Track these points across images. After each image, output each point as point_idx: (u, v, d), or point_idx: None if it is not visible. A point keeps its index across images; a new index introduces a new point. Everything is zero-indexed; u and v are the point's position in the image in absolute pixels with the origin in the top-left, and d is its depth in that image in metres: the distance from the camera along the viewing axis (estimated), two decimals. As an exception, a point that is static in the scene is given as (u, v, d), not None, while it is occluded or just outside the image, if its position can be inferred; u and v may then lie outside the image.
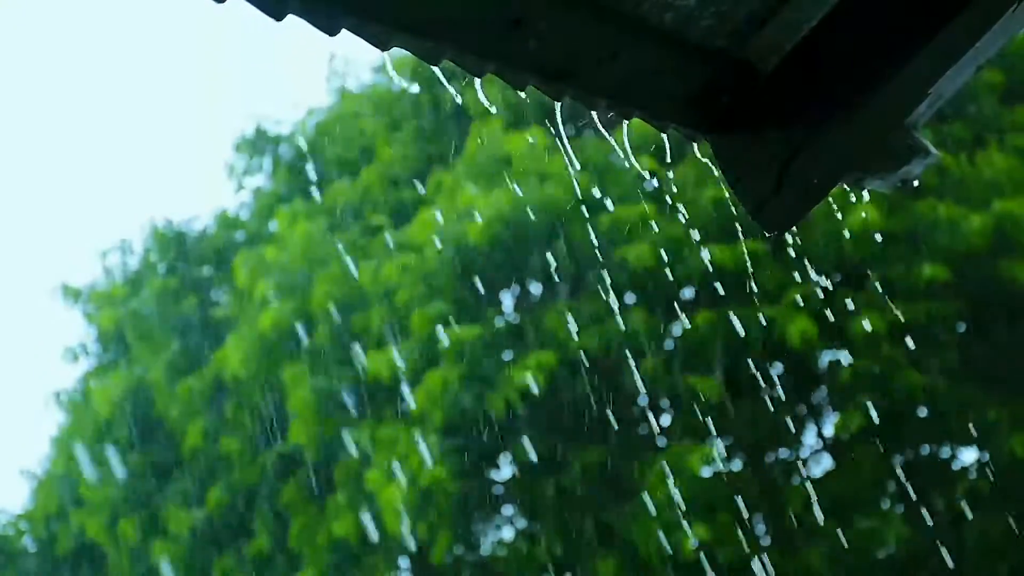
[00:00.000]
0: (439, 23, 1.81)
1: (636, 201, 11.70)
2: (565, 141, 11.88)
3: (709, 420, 11.54)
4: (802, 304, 11.26)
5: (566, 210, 11.64)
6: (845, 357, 11.61)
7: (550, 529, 12.00)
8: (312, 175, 14.60)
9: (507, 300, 12.71)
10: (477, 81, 1.97)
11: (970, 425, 11.22)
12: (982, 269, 11.48)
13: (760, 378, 11.94)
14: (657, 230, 11.55)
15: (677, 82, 2.18)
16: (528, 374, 11.26)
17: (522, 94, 2.03)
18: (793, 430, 12.36)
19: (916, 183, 2.46)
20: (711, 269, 11.15)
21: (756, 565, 11.16)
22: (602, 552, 11.63)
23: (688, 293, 12.25)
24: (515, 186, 11.79)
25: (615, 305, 11.86)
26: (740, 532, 11.40)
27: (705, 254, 11.39)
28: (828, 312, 11.26)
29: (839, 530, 11.09)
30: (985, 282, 11.54)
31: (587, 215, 11.85)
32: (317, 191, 14.16)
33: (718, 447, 12.02)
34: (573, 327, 11.49)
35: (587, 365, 11.42)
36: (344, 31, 1.73)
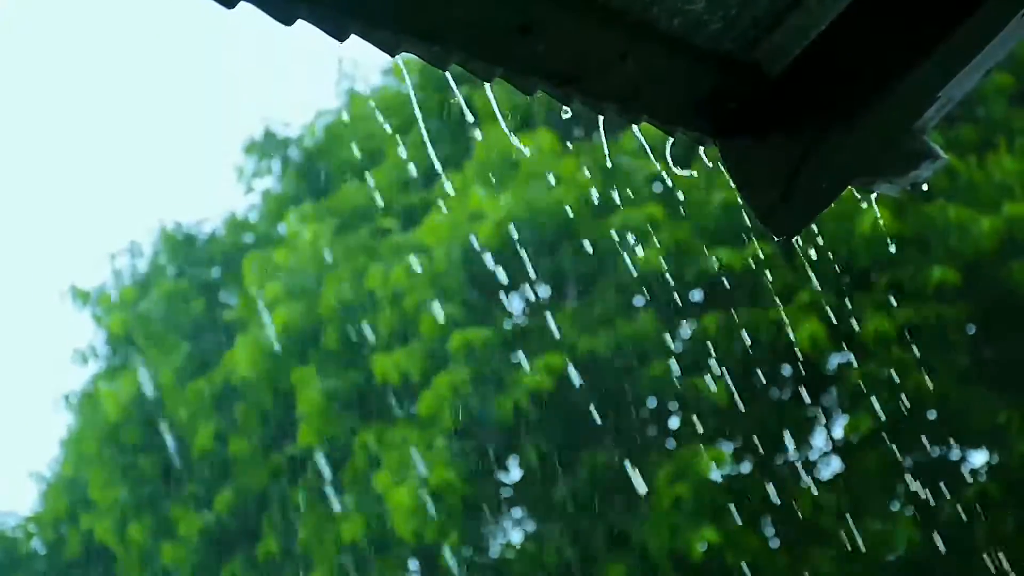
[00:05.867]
0: (447, 28, 1.81)
1: (645, 203, 11.70)
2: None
3: (718, 422, 11.53)
4: (811, 306, 11.26)
5: (575, 212, 11.64)
6: (854, 360, 11.60)
7: (559, 532, 12.00)
8: (321, 178, 14.62)
9: (516, 302, 12.71)
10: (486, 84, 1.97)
11: (979, 427, 11.21)
12: (992, 272, 11.46)
13: (769, 380, 11.93)
14: (666, 232, 11.55)
15: (685, 86, 2.18)
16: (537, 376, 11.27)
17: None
18: (802, 432, 12.34)
19: (925, 186, 2.46)
20: (720, 271, 11.15)
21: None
22: (611, 555, 11.62)
23: (697, 295, 12.25)
24: (524, 188, 11.80)
25: (624, 307, 11.86)
26: (749, 535, 11.39)
27: (714, 256, 11.38)
28: (837, 315, 11.26)
29: (848, 533, 11.08)
30: (995, 285, 11.53)
31: (596, 217, 11.85)
32: (326, 194, 14.17)
33: (727, 450, 12.02)
34: (582, 329, 11.50)
35: (596, 367, 11.42)
36: (353, 36, 1.73)
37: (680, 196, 11.70)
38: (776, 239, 2.30)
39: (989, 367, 11.69)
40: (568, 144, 12.10)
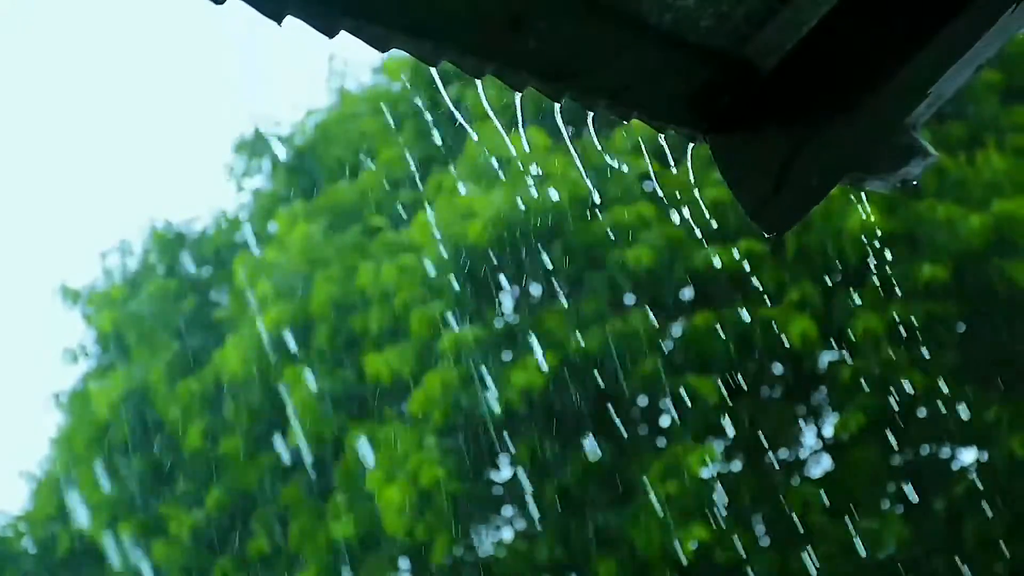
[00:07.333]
0: (438, 24, 1.80)
1: (635, 201, 11.70)
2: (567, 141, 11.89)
3: (708, 421, 11.54)
4: (801, 304, 11.27)
5: (565, 210, 11.64)
6: (845, 357, 11.61)
7: (549, 530, 12.00)
8: (311, 176, 14.60)
9: (507, 301, 12.70)
10: (477, 82, 1.97)
11: (969, 425, 11.22)
12: (981, 269, 11.48)
13: (760, 379, 11.94)
14: (657, 231, 11.55)
15: (677, 82, 2.18)
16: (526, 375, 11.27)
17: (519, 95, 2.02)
18: (793, 431, 12.35)
19: (915, 183, 2.46)
20: (711, 269, 11.16)
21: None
22: (601, 553, 11.62)
23: (688, 293, 12.25)
24: (514, 187, 11.79)
25: (614, 306, 11.85)
26: (739, 533, 11.40)
27: (705, 255, 11.38)
28: (827, 312, 11.28)
29: (839, 531, 11.09)
30: (984, 282, 11.54)
31: (586, 216, 11.85)
32: (316, 192, 14.16)
33: (717, 448, 12.02)
34: (572, 328, 11.49)
35: (586, 366, 11.41)
36: (343, 32, 1.73)
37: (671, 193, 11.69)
38: (766, 235, 2.30)
39: (979, 364, 11.70)
40: (559, 142, 12.09)
